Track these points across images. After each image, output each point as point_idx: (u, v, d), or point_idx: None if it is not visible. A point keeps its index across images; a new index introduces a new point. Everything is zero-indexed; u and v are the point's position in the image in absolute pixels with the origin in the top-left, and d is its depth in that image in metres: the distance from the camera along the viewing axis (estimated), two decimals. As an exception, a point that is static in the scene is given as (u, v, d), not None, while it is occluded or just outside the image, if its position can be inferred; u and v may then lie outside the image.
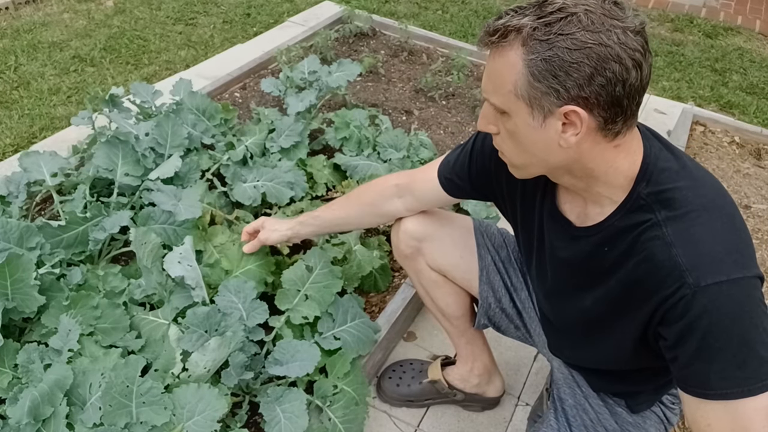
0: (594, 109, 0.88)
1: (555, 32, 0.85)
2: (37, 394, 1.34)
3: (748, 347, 0.87)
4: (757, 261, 0.94)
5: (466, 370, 1.67)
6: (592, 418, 1.26)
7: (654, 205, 0.95)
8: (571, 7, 0.85)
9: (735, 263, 0.89)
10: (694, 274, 0.88)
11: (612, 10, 0.86)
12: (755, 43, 4.16)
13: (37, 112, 2.88)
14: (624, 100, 0.88)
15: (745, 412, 0.88)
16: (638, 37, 0.86)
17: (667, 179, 0.95)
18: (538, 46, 0.86)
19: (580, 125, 0.89)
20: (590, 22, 0.84)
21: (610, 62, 0.84)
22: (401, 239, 1.48)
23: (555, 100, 0.88)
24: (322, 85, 2.52)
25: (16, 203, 1.87)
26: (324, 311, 1.64)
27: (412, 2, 4.30)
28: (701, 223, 0.92)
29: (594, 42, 0.84)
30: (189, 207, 1.80)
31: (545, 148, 0.94)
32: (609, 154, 0.95)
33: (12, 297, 1.50)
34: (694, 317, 0.89)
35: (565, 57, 0.85)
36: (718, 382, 0.89)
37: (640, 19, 0.87)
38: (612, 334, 1.07)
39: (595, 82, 0.85)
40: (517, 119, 0.93)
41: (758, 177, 2.72)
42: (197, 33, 3.68)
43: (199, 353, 1.41)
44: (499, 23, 0.91)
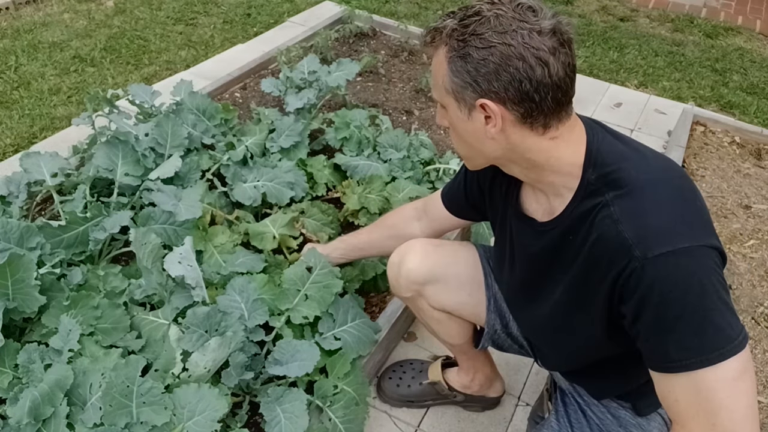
0: (506, 103, 0.95)
1: (469, 32, 0.94)
2: (37, 394, 1.34)
3: (702, 315, 0.88)
4: (712, 230, 0.94)
5: (467, 380, 1.67)
6: (596, 422, 1.25)
7: (603, 188, 0.98)
8: (486, 11, 0.95)
9: (682, 233, 0.90)
10: (641, 247, 0.90)
11: (523, 14, 0.94)
12: (756, 43, 4.16)
13: (38, 113, 2.89)
14: (534, 95, 0.94)
15: (708, 382, 0.88)
16: (545, 37, 0.93)
17: (612, 161, 0.99)
18: (456, 45, 0.96)
19: (496, 118, 0.97)
20: (499, 23, 0.93)
21: (513, 60, 0.92)
22: (401, 284, 1.42)
23: (472, 93, 0.97)
24: (321, 85, 2.52)
25: (17, 203, 1.87)
26: (324, 311, 1.64)
27: (412, 2, 4.30)
28: (645, 197, 0.95)
29: (498, 41, 0.92)
30: (189, 207, 1.80)
31: (478, 139, 1.03)
32: (545, 145, 1.00)
33: (13, 297, 1.51)
34: (645, 289, 0.90)
35: (474, 55, 0.94)
36: (677, 353, 0.90)
37: (553, 23, 0.94)
38: (582, 322, 1.07)
39: (501, 77, 0.93)
40: (451, 112, 1.03)
41: (758, 177, 2.72)
42: (197, 33, 3.68)
43: (200, 353, 1.41)
44: (431, 26, 1.01)
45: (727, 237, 2.39)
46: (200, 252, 1.85)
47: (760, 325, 2.05)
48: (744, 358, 0.89)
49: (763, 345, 1.99)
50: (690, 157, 2.78)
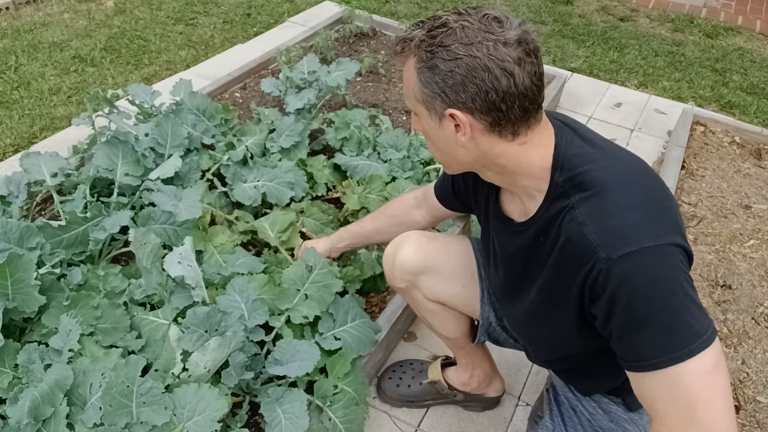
0: (474, 112, 0.97)
1: (436, 44, 0.96)
2: (37, 394, 1.34)
3: (669, 313, 0.89)
4: (678, 229, 0.95)
5: (466, 377, 1.68)
6: (588, 418, 1.26)
7: (570, 190, 1.00)
8: (452, 23, 0.96)
9: (646, 233, 0.91)
10: (605, 249, 0.92)
11: (489, 25, 0.95)
12: (756, 43, 4.16)
13: (38, 113, 2.89)
14: (501, 104, 0.95)
15: (682, 378, 0.89)
16: (510, 48, 0.93)
17: (578, 163, 1.01)
18: (424, 56, 0.98)
19: (465, 127, 0.99)
20: (465, 35, 0.94)
21: (479, 71, 0.93)
22: (396, 274, 1.45)
23: (441, 103, 0.98)
24: (321, 85, 2.52)
25: (17, 203, 1.87)
26: (324, 311, 1.64)
27: (412, 2, 4.30)
28: (609, 199, 0.96)
29: (464, 53, 0.94)
30: (189, 207, 1.80)
31: (450, 146, 1.05)
32: (515, 150, 1.02)
33: (12, 297, 1.50)
34: (613, 290, 0.92)
35: (441, 66, 0.95)
36: (648, 352, 0.91)
37: (518, 33, 0.94)
38: (558, 322, 1.09)
39: (468, 88, 0.95)
40: (423, 120, 1.05)
41: (758, 177, 2.72)
42: (197, 33, 3.68)
43: (200, 353, 1.41)
44: (400, 36, 1.02)
45: (727, 237, 2.39)
46: (200, 252, 1.85)
47: (760, 325, 2.05)
48: (714, 353, 0.90)
49: (763, 345, 1.99)
50: (690, 157, 2.78)
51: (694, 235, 2.39)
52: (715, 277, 2.21)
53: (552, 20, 4.22)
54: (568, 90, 3.28)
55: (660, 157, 2.93)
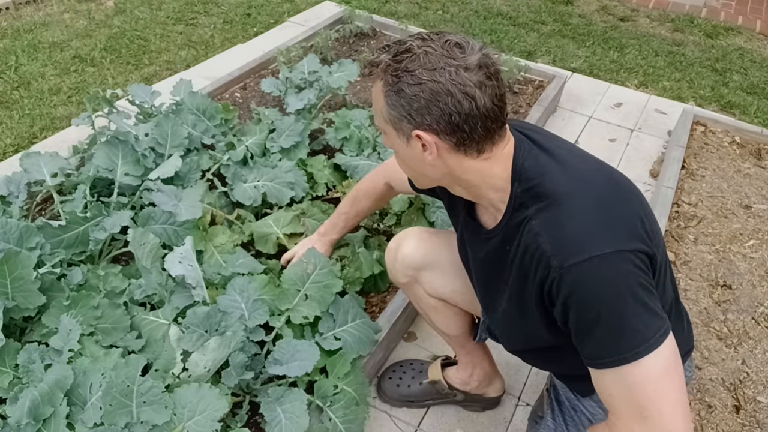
0: (439, 134, 1.01)
1: (401, 69, 1.00)
2: (37, 394, 1.34)
3: (616, 318, 0.95)
4: (633, 234, 0.99)
5: (466, 376, 1.68)
6: (588, 417, 1.27)
7: (528, 201, 1.06)
8: (416, 48, 1.00)
9: (595, 241, 0.96)
10: (558, 258, 0.97)
11: (451, 51, 0.99)
12: (756, 43, 4.16)
13: (38, 113, 2.89)
14: (464, 126, 1.00)
15: (633, 377, 0.95)
16: (471, 73, 0.98)
17: (533, 175, 1.06)
18: (390, 80, 1.02)
19: (431, 147, 1.03)
20: (428, 60, 0.99)
21: (442, 95, 0.98)
22: (398, 269, 1.48)
23: (408, 125, 1.03)
24: (322, 85, 2.52)
25: (17, 203, 1.87)
26: (324, 311, 1.64)
27: (412, 2, 4.30)
28: (561, 209, 1.01)
29: (428, 78, 0.98)
30: (189, 207, 1.80)
31: (418, 164, 1.09)
32: (480, 166, 1.06)
33: (12, 295, 1.50)
34: (565, 297, 0.98)
35: (407, 90, 1.00)
36: (600, 352, 0.98)
37: (478, 58, 0.99)
38: (530, 326, 1.13)
39: (432, 112, 0.99)
40: (392, 139, 1.09)
41: (759, 177, 2.72)
42: (198, 33, 3.68)
43: (200, 353, 1.41)
44: (369, 60, 1.07)
45: (727, 237, 2.39)
46: (200, 252, 1.85)
47: (760, 325, 2.05)
48: (664, 354, 0.95)
49: (763, 345, 1.99)
50: (690, 157, 2.78)
51: (694, 235, 2.39)
52: (715, 277, 2.21)
53: (552, 20, 4.22)
54: (568, 90, 3.28)
55: (660, 157, 2.93)
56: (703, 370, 1.89)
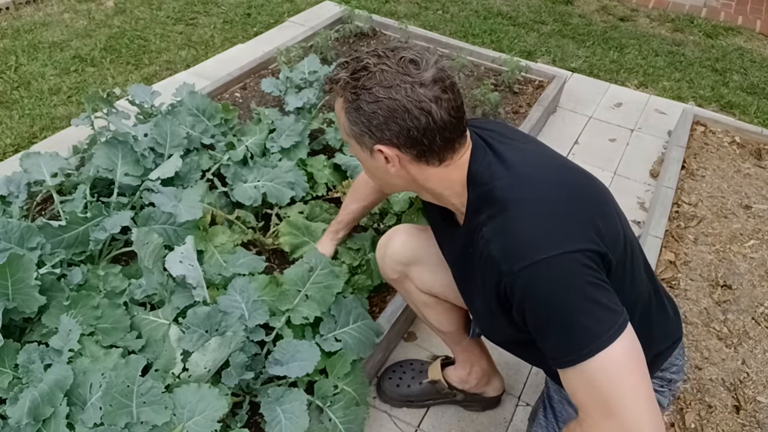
0: (400, 147, 1.06)
1: (359, 86, 1.04)
2: (37, 394, 1.34)
3: (565, 317, 0.98)
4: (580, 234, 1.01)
5: (464, 374, 1.68)
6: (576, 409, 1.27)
7: (481, 206, 1.10)
8: (373, 66, 1.03)
9: (540, 246, 0.99)
10: (506, 264, 1.01)
11: (406, 68, 1.02)
12: (756, 43, 4.16)
13: (38, 112, 2.89)
14: (423, 139, 1.04)
15: (590, 374, 0.97)
16: (426, 88, 1.01)
17: (484, 180, 1.09)
18: (349, 97, 1.06)
19: (393, 160, 1.08)
20: (384, 78, 1.02)
21: (399, 112, 1.02)
22: (387, 264, 1.50)
23: (369, 139, 1.07)
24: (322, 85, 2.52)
25: (17, 203, 1.87)
26: (325, 311, 1.64)
27: (412, 2, 4.30)
28: (508, 216, 1.05)
29: (385, 96, 1.02)
30: (189, 208, 1.80)
31: (383, 174, 1.14)
32: (440, 173, 1.10)
33: (13, 297, 1.50)
34: (518, 301, 1.02)
35: (365, 108, 1.04)
36: (557, 352, 1.00)
37: (433, 73, 1.01)
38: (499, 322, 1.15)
39: (391, 127, 1.03)
40: (356, 151, 1.14)
41: (759, 177, 2.72)
42: (198, 33, 3.68)
43: (200, 353, 1.41)
44: (329, 75, 1.10)
45: (727, 237, 2.39)
46: (201, 252, 1.85)
47: (760, 325, 2.05)
48: (620, 349, 0.96)
49: (763, 345, 1.99)
50: (690, 157, 2.78)
51: (694, 235, 2.39)
52: (715, 277, 2.21)
53: (552, 20, 4.22)
54: (568, 90, 3.28)
55: (660, 157, 2.93)
56: (703, 370, 1.89)
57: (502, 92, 3.03)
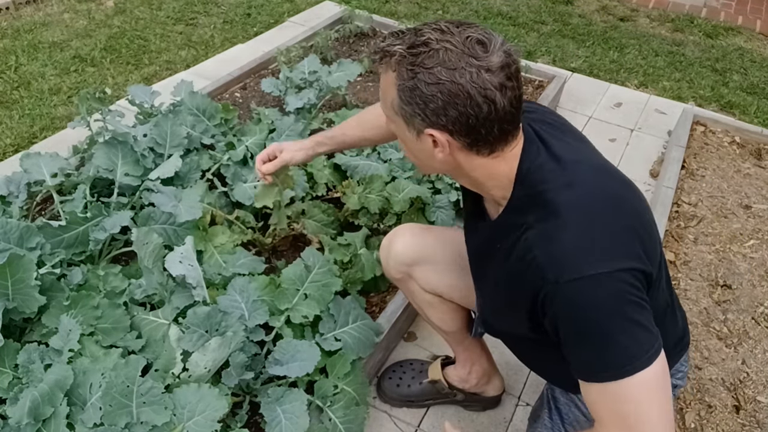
0: (453, 134, 0.98)
1: (418, 64, 0.94)
2: (37, 394, 1.34)
3: (606, 336, 0.95)
4: (629, 252, 0.98)
5: (464, 373, 1.68)
6: (584, 413, 1.27)
7: (526, 207, 1.04)
8: (435, 43, 0.94)
9: (590, 260, 0.96)
10: (552, 274, 0.96)
11: (472, 49, 0.93)
12: (756, 43, 4.16)
13: (38, 112, 2.89)
14: (480, 129, 0.97)
15: (618, 393, 0.95)
16: (493, 75, 0.93)
17: (537, 181, 1.04)
18: (405, 74, 0.96)
19: (444, 145, 1.00)
20: (447, 58, 0.93)
21: (460, 98, 0.94)
22: (391, 265, 1.48)
23: (421, 122, 0.99)
24: (322, 85, 2.52)
25: (17, 203, 1.87)
26: (324, 310, 1.64)
27: (412, 2, 4.30)
28: (560, 223, 0.99)
29: (447, 79, 0.93)
30: (189, 208, 1.80)
31: (426, 157, 1.06)
32: (488, 164, 1.04)
33: (13, 297, 1.50)
34: (557, 311, 0.98)
35: (423, 89, 0.95)
36: (588, 367, 0.98)
37: (501, 58, 0.94)
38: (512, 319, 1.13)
39: (449, 113, 0.95)
40: (401, 130, 1.05)
41: (759, 177, 2.72)
42: (198, 33, 3.68)
43: (200, 353, 1.41)
44: (380, 46, 1.00)
45: (727, 237, 2.39)
46: (200, 252, 1.84)
47: (760, 325, 2.05)
48: (653, 373, 0.95)
49: (763, 345, 1.99)
50: (690, 157, 2.78)
51: (694, 235, 2.39)
52: (715, 277, 2.21)
53: (552, 20, 4.22)
54: (568, 90, 3.28)
55: (660, 157, 2.93)
56: (703, 370, 1.89)
57: (502, 92, 3.02)
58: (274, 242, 2.02)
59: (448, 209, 2.15)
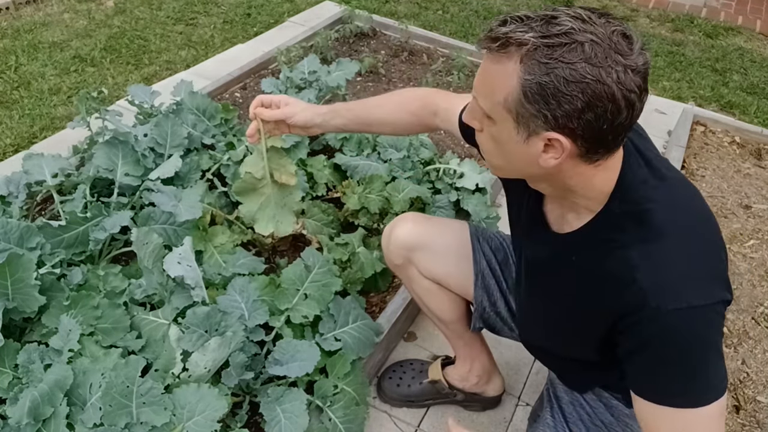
0: (578, 140, 0.87)
1: (556, 57, 0.81)
2: (37, 394, 1.34)
3: (695, 366, 0.92)
4: (725, 280, 0.96)
5: (465, 371, 1.68)
6: (588, 412, 1.27)
7: (625, 224, 0.95)
8: (578, 33, 0.81)
9: (696, 290, 0.91)
10: (655, 300, 0.90)
11: (619, 44, 0.82)
12: (756, 43, 4.16)
13: (38, 112, 2.89)
14: (609, 135, 0.87)
15: (687, 420, 0.93)
16: (638, 76, 0.83)
17: (641, 198, 0.95)
18: (536, 68, 0.82)
19: (561, 151, 0.88)
20: (594, 54, 0.80)
21: (603, 100, 0.82)
22: (392, 249, 1.49)
23: (542, 123, 0.86)
24: (322, 85, 2.52)
25: (17, 203, 1.87)
26: (324, 310, 1.64)
27: (412, 2, 4.29)
28: (666, 247, 0.92)
29: (593, 78, 0.81)
30: (189, 208, 1.80)
31: (525, 161, 0.93)
32: (590, 172, 0.94)
33: (12, 297, 1.50)
34: (650, 336, 0.92)
35: (561, 86, 0.82)
36: (663, 391, 0.94)
37: (644, 57, 0.84)
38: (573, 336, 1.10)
39: (585, 116, 0.83)
40: (502, 129, 0.91)
41: (759, 177, 2.72)
42: (198, 33, 3.68)
43: (200, 353, 1.41)
44: (502, 31, 0.85)
45: (727, 237, 2.39)
46: (200, 252, 1.85)
47: (760, 325, 2.05)
48: (722, 402, 0.94)
49: (763, 345, 1.99)
50: (690, 157, 2.78)
51: (694, 235, 2.39)
52: (715, 277, 2.21)
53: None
54: (568, 90, 3.27)
55: (660, 157, 2.92)
56: (703, 370, 1.89)
57: (502, 92, 3.02)
58: (273, 242, 2.02)
59: (448, 209, 2.15)
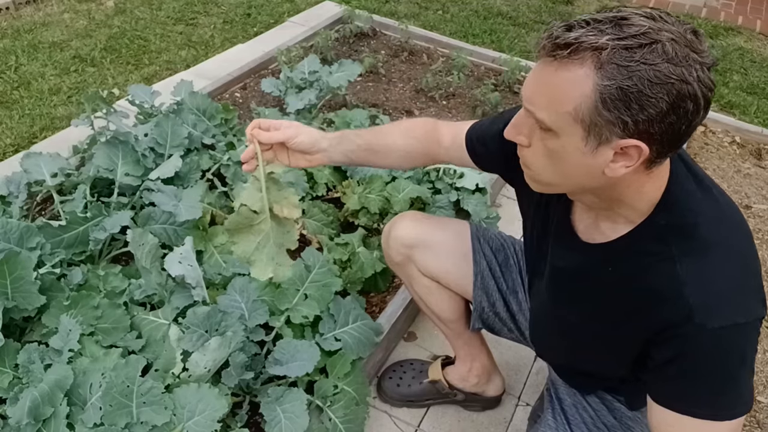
0: (654, 144, 0.81)
1: (637, 59, 0.76)
2: (37, 394, 1.34)
3: (729, 381, 0.91)
4: (764, 296, 0.95)
5: (465, 370, 1.68)
6: (590, 414, 1.26)
7: (671, 238, 0.92)
8: (655, 33, 0.77)
9: (740, 308, 0.90)
10: (701, 317, 0.88)
11: (693, 42, 0.78)
12: (756, 43, 4.16)
13: (38, 112, 2.89)
14: (684, 137, 0.82)
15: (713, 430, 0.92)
16: (712, 73, 0.79)
17: (687, 212, 0.92)
18: (616, 73, 0.77)
19: (636, 159, 0.83)
20: (674, 53, 0.76)
21: (686, 100, 0.77)
22: (391, 246, 1.49)
23: (619, 131, 0.80)
24: (322, 85, 2.52)
25: (17, 203, 1.87)
26: (324, 310, 1.64)
27: (412, 2, 4.29)
28: (714, 263, 0.90)
29: (677, 78, 0.76)
30: (189, 207, 1.80)
31: (585, 173, 0.87)
32: (643, 180, 0.89)
33: (12, 296, 1.50)
34: (689, 350, 0.91)
35: (646, 90, 0.76)
36: (692, 402, 0.93)
37: (714, 55, 0.83)
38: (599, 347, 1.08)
39: (668, 119, 0.78)
40: (566, 141, 0.85)
41: (759, 177, 2.72)
42: (198, 33, 3.68)
43: (200, 353, 1.41)
44: (572, 36, 0.79)
45: (728, 237, 2.39)
46: (200, 252, 1.84)
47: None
48: (745, 415, 0.94)
49: (764, 345, 1.98)
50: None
51: (694, 235, 2.39)
52: (715, 277, 2.21)
53: (552, 20, 4.22)
54: (568, 90, 3.27)
55: (660, 157, 2.92)
56: (703, 370, 1.89)
57: (503, 92, 3.02)
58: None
59: (448, 209, 2.15)
